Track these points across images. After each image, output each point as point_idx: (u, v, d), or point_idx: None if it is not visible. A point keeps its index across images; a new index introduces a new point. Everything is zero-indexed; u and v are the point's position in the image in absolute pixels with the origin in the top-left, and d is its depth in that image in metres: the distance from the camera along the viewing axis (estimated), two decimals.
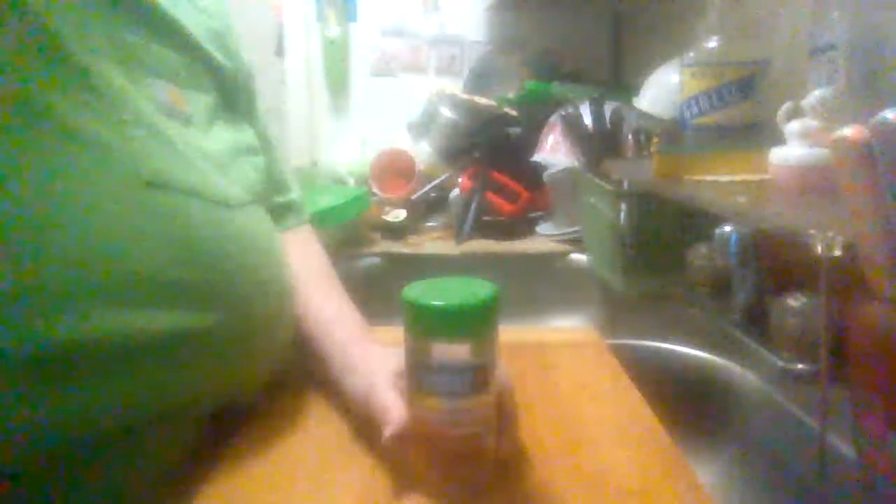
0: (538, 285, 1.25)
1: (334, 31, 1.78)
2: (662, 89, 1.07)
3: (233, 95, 0.60)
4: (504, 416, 0.45)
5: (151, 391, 0.42)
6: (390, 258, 1.33)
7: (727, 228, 0.83)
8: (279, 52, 1.71)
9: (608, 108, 1.20)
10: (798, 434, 0.63)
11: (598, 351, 0.69)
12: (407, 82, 1.84)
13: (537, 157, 1.36)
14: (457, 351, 0.41)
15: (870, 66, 0.61)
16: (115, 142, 0.42)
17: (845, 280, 0.46)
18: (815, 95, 0.61)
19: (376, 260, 1.33)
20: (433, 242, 1.38)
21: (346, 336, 0.57)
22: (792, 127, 0.63)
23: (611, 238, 1.01)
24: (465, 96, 1.60)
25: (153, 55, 0.50)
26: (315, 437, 0.53)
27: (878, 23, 0.60)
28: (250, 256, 0.49)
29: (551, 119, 1.35)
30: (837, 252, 0.45)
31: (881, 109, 0.36)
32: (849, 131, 0.38)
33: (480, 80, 1.78)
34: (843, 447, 0.55)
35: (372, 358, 0.53)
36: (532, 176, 1.37)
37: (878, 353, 0.41)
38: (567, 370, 0.64)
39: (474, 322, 0.41)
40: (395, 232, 1.42)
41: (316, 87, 1.82)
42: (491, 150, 1.45)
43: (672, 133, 0.90)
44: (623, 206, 0.97)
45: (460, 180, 1.44)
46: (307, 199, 0.73)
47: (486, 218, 1.40)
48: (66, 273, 0.37)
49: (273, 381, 0.57)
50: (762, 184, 0.67)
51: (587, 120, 1.23)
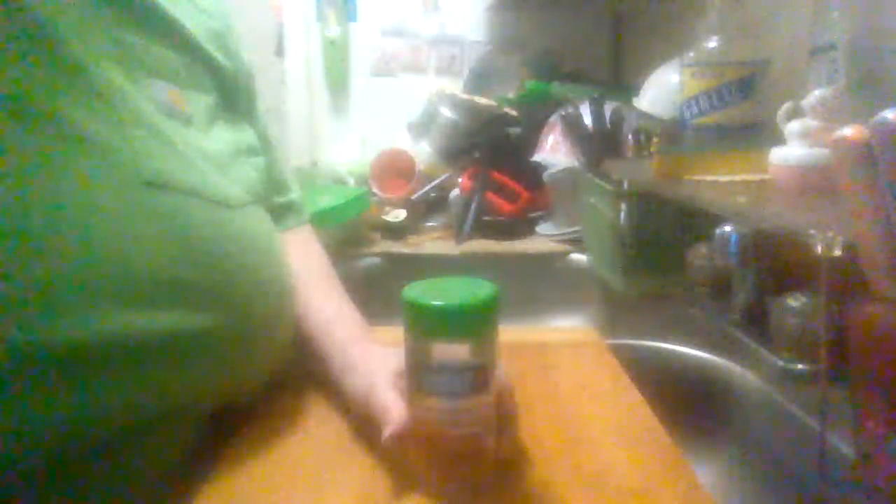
0: (538, 285, 1.25)
1: (334, 31, 1.78)
2: (662, 89, 1.06)
3: (233, 95, 0.60)
4: (504, 416, 0.45)
5: (151, 391, 0.42)
6: (390, 258, 1.33)
7: (727, 228, 0.83)
8: (279, 52, 1.72)
9: (608, 108, 1.20)
10: (798, 434, 0.63)
11: (598, 351, 0.69)
12: (407, 82, 1.84)
13: (537, 157, 1.36)
14: (457, 351, 0.41)
15: (870, 66, 0.61)
16: (116, 142, 0.42)
17: (845, 280, 0.46)
18: (815, 95, 0.61)
19: (376, 260, 1.33)
20: (433, 242, 1.38)
21: (346, 336, 0.57)
22: (792, 127, 0.63)
23: (611, 238, 1.01)
24: (465, 96, 1.60)
25: (153, 55, 0.50)
26: (315, 437, 0.53)
27: (878, 23, 0.60)
28: (250, 256, 0.49)
29: (551, 119, 1.35)
30: (837, 252, 0.45)
31: (881, 109, 0.36)
32: (849, 131, 0.38)
33: (480, 80, 1.78)
34: (843, 447, 0.55)
35: (372, 358, 0.53)
36: (532, 176, 1.37)
37: (878, 353, 0.41)
38: (567, 370, 0.64)
39: (474, 322, 0.41)
40: (395, 232, 1.42)
41: (316, 87, 1.82)
42: (491, 150, 1.45)
43: (672, 133, 0.90)
44: (623, 206, 0.97)
45: (460, 180, 1.44)
46: (307, 199, 0.73)
47: (486, 218, 1.40)
48: (66, 274, 0.37)
49: (273, 381, 0.57)
50: (762, 184, 0.67)
51: (587, 120, 1.23)
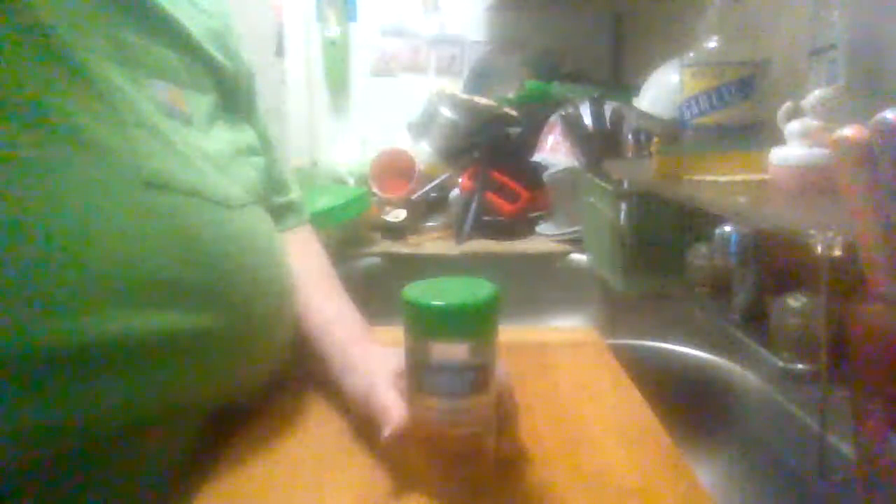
0: (538, 285, 1.25)
1: (334, 31, 1.78)
2: (662, 89, 1.07)
3: (233, 96, 0.60)
4: (504, 416, 0.45)
5: (151, 391, 0.42)
6: (390, 258, 1.33)
7: (727, 228, 0.83)
8: (279, 52, 1.71)
9: (608, 108, 1.20)
10: (798, 434, 0.63)
11: (598, 351, 0.69)
12: (407, 82, 1.84)
13: (537, 157, 1.36)
14: (457, 351, 0.41)
15: (870, 66, 0.61)
16: (116, 142, 0.42)
17: (845, 280, 0.46)
18: (815, 95, 0.61)
19: (376, 260, 1.33)
20: (433, 242, 1.38)
21: (346, 336, 0.57)
22: (792, 127, 0.63)
23: (611, 238, 1.01)
24: (465, 96, 1.60)
25: (153, 55, 0.50)
26: (315, 437, 0.53)
27: (878, 23, 0.60)
28: (250, 257, 0.49)
29: (551, 119, 1.35)
30: (837, 252, 0.45)
31: (881, 109, 0.36)
32: (849, 131, 0.38)
33: (480, 80, 1.78)
34: (843, 447, 0.55)
35: (372, 358, 0.53)
36: (532, 176, 1.37)
37: (878, 353, 0.41)
38: (567, 370, 0.64)
39: (474, 322, 0.41)
40: (395, 232, 1.42)
41: (316, 87, 1.82)
42: (491, 150, 1.45)
43: (672, 133, 0.90)
44: (623, 206, 0.97)
45: (460, 180, 1.44)
46: (307, 199, 0.73)
47: (486, 218, 1.40)
48: (66, 274, 0.37)
49: (273, 381, 0.57)
50: (762, 184, 0.67)
51: (587, 120, 1.23)
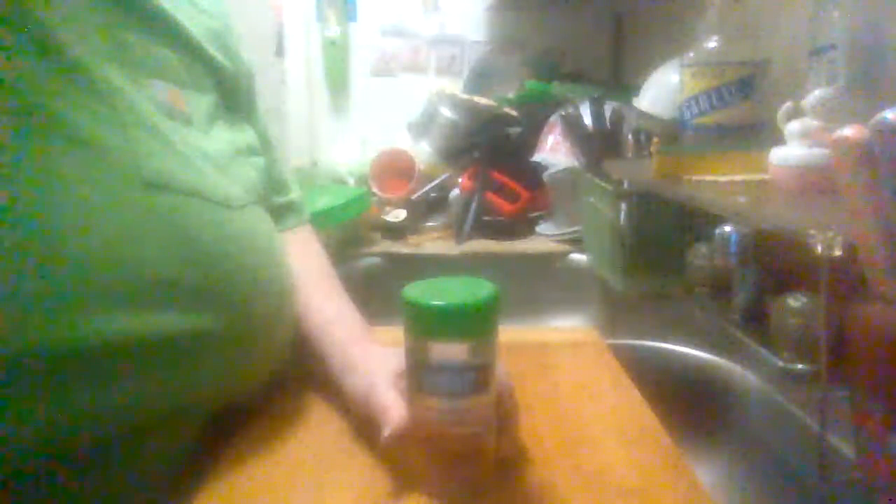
0: (538, 285, 1.25)
1: (334, 31, 1.78)
2: (662, 89, 1.06)
3: (233, 96, 0.60)
4: (504, 415, 0.45)
5: (151, 392, 0.42)
6: (390, 258, 1.33)
7: (727, 228, 0.83)
8: (279, 52, 1.71)
9: (608, 108, 1.21)
10: (798, 434, 0.63)
11: (598, 351, 0.69)
12: (407, 82, 1.84)
13: (537, 157, 1.36)
14: (457, 351, 0.41)
15: (870, 66, 0.61)
16: (116, 143, 0.42)
17: (845, 280, 0.46)
18: (815, 95, 0.61)
19: (376, 260, 1.33)
20: (433, 242, 1.38)
21: (346, 336, 0.57)
22: (792, 127, 0.63)
23: (611, 238, 1.01)
24: (465, 96, 1.60)
25: (153, 56, 0.50)
26: (315, 437, 0.53)
27: (878, 23, 0.60)
28: (250, 257, 0.49)
29: (551, 119, 1.35)
30: (837, 252, 0.45)
31: (881, 109, 0.36)
32: (849, 131, 0.38)
33: (480, 80, 1.78)
34: (843, 447, 0.55)
35: (372, 358, 0.53)
36: (532, 176, 1.37)
37: (878, 353, 0.41)
38: (567, 370, 0.64)
39: (474, 322, 0.41)
40: (395, 232, 1.42)
41: (316, 87, 1.82)
42: (491, 150, 1.45)
43: (672, 133, 0.90)
44: (623, 206, 0.97)
45: (460, 180, 1.44)
46: (307, 199, 0.73)
47: (486, 218, 1.40)
48: (66, 275, 0.37)
49: (273, 381, 0.57)
50: (762, 184, 0.67)
51: (587, 120, 1.23)
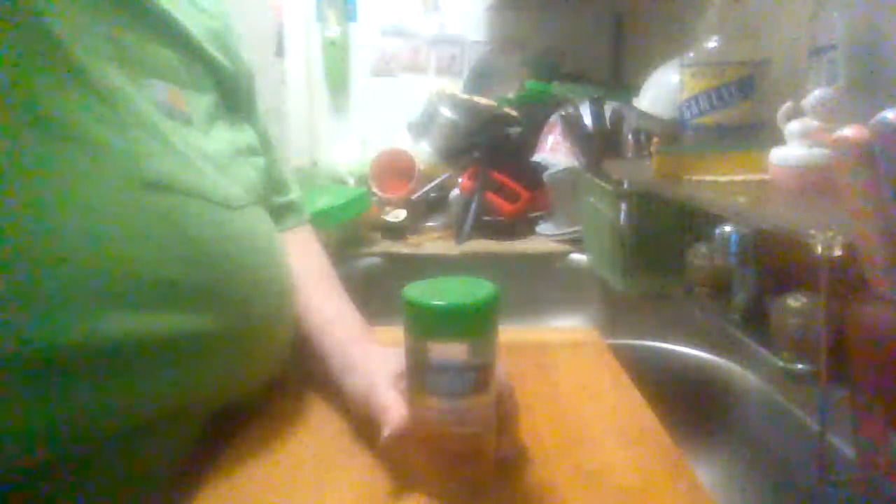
0: (538, 285, 1.25)
1: (334, 31, 1.78)
2: (662, 89, 1.06)
3: (233, 96, 0.60)
4: (504, 415, 0.45)
5: (152, 393, 0.42)
6: (390, 258, 1.33)
7: (727, 228, 0.83)
8: (279, 52, 1.71)
9: (608, 108, 1.20)
10: (798, 434, 0.63)
11: (598, 351, 0.69)
12: (407, 82, 1.84)
13: (537, 157, 1.36)
14: (457, 351, 0.41)
15: (870, 66, 0.61)
16: (115, 143, 0.42)
17: (845, 280, 0.46)
18: (815, 95, 0.61)
19: (376, 260, 1.33)
20: (433, 242, 1.38)
21: (346, 336, 0.57)
22: (792, 127, 0.63)
23: (611, 238, 1.01)
24: (465, 96, 1.60)
25: (153, 55, 0.50)
26: (315, 436, 0.53)
27: (878, 23, 0.60)
28: (250, 257, 0.49)
29: (551, 119, 1.35)
30: (837, 252, 0.45)
31: (881, 109, 0.36)
32: (849, 131, 0.38)
33: (480, 80, 1.78)
34: (843, 447, 0.55)
35: (372, 358, 0.53)
36: (532, 176, 1.37)
37: (878, 353, 0.41)
38: (567, 370, 0.64)
39: (474, 322, 0.41)
40: (395, 232, 1.42)
41: (316, 87, 1.82)
42: (491, 150, 1.45)
43: (672, 133, 0.90)
44: (623, 206, 0.97)
45: (460, 180, 1.44)
46: (307, 199, 0.73)
47: (486, 218, 1.40)
48: (66, 275, 0.37)
49: (273, 381, 0.57)
50: (762, 184, 0.67)
51: (587, 120, 1.23)
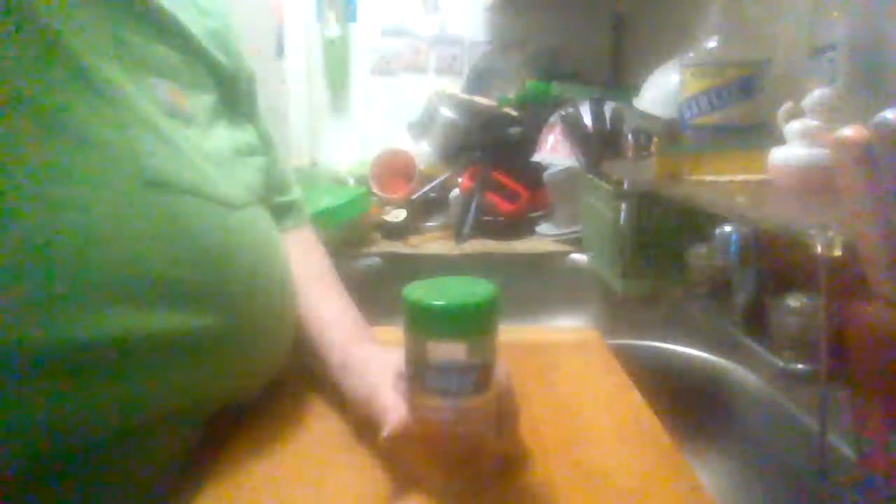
0: (538, 285, 1.25)
1: (334, 31, 1.78)
2: (662, 89, 1.06)
3: (234, 95, 0.60)
4: (504, 415, 0.45)
5: (152, 392, 0.42)
6: (390, 258, 1.33)
7: (727, 228, 0.83)
8: (279, 52, 1.71)
9: (608, 108, 1.21)
10: (798, 434, 0.63)
11: (599, 351, 0.69)
12: (407, 82, 1.84)
13: (537, 157, 1.36)
14: (457, 351, 0.41)
15: (870, 66, 0.61)
16: (117, 141, 0.42)
17: (845, 280, 0.46)
18: (815, 95, 0.61)
19: (376, 260, 1.33)
20: (433, 242, 1.38)
21: (346, 337, 0.57)
22: (792, 127, 0.63)
23: (611, 238, 1.01)
24: (465, 96, 1.60)
25: (154, 55, 0.50)
26: (315, 437, 0.53)
27: (878, 23, 0.60)
28: (251, 256, 0.49)
29: (551, 119, 1.35)
30: (837, 252, 0.45)
31: (881, 109, 0.36)
32: (849, 131, 0.38)
33: (480, 80, 1.78)
34: (843, 447, 0.55)
35: (372, 358, 0.53)
36: (532, 176, 1.37)
37: (878, 353, 0.41)
38: (567, 370, 0.64)
39: (475, 322, 0.41)
40: (395, 232, 1.42)
41: (316, 87, 1.82)
42: (491, 150, 1.45)
43: (672, 133, 0.90)
44: (623, 206, 0.97)
45: (460, 180, 1.44)
46: (307, 199, 0.73)
47: (486, 218, 1.40)
48: (66, 273, 0.37)
49: (273, 381, 0.57)
50: (762, 184, 0.68)
51: (587, 120, 1.23)
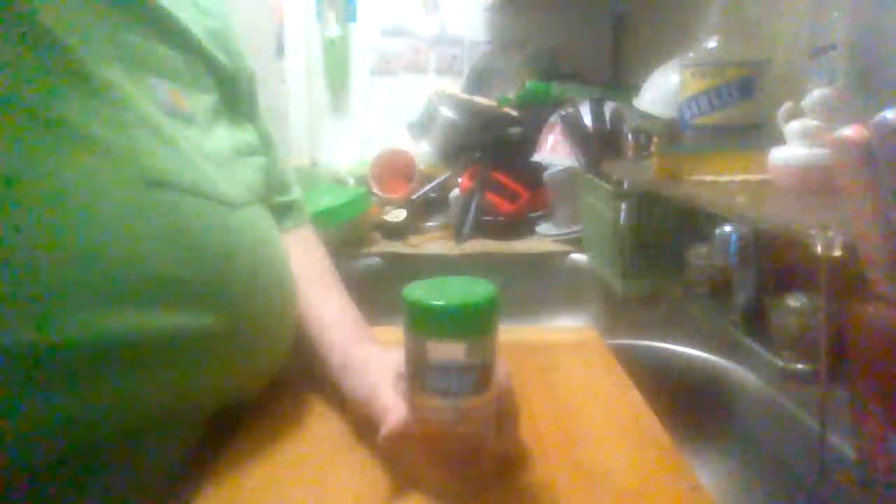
0: (538, 285, 1.25)
1: (334, 31, 1.78)
2: (662, 89, 1.07)
3: (234, 95, 0.60)
4: (504, 415, 0.45)
5: (152, 392, 0.42)
6: (390, 258, 1.33)
7: (727, 228, 0.83)
8: (279, 52, 1.72)
9: (608, 108, 1.21)
10: (798, 434, 0.63)
11: (599, 351, 0.69)
12: (407, 82, 1.84)
13: (537, 157, 1.36)
14: (457, 351, 0.41)
15: (870, 66, 0.61)
16: (117, 142, 0.42)
17: (845, 280, 0.46)
18: (815, 95, 0.61)
19: (376, 260, 1.33)
20: (433, 242, 1.38)
21: (346, 337, 0.57)
22: (792, 127, 0.63)
23: (611, 238, 1.01)
24: (465, 96, 1.60)
25: (154, 55, 0.50)
26: (315, 436, 0.53)
27: (878, 23, 0.60)
28: (251, 255, 0.49)
29: (551, 119, 1.35)
30: (837, 252, 0.45)
31: (881, 109, 0.36)
32: (849, 131, 0.38)
33: (480, 80, 1.78)
34: (843, 447, 0.55)
35: (372, 358, 0.53)
36: (532, 176, 1.37)
37: (878, 353, 0.41)
38: (567, 370, 0.64)
39: (475, 322, 0.41)
40: (395, 232, 1.42)
41: (316, 87, 1.82)
42: (491, 150, 1.45)
43: (672, 133, 0.90)
44: (623, 206, 0.98)
45: (460, 180, 1.44)
46: (307, 199, 0.73)
47: (486, 218, 1.40)
48: (69, 274, 0.37)
49: (273, 381, 0.57)
50: (762, 184, 0.68)
51: (587, 120, 1.23)
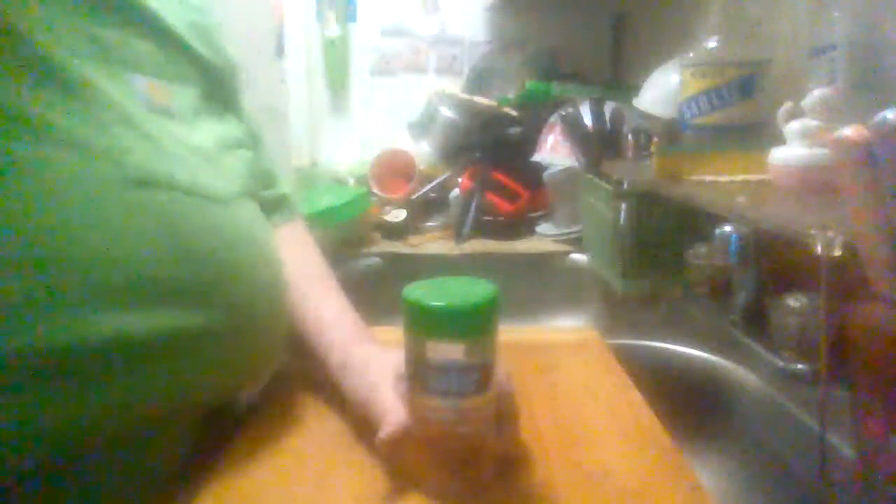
0: (538, 285, 1.25)
1: (334, 31, 1.78)
2: (662, 89, 1.06)
3: (218, 89, 0.59)
4: (504, 415, 0.45)
5: (148, 391, 0.42)
6: (390, 258, 1.33)
7: (727, 228, 0.83)
8: (279, 52, 1.71)
9: (608, 108, 1.21)
10: (798, 434, 0.63)
11: (599, 351, 0.69)
12: (407, 82, 1.84)
13: (537, 157, 1.36)
14: (457, 351, 0.41)
15: (870, 66, 0.61)
16: (96, 140, 0.41)
17: (845, 280, 0.46)
18: (815, 95, 0.61)
19: (376, 260, 1.33)
20: (433, 242, 1.38)
21: (346, 337, 0.57)
22: (792, 127, 0.63)
23: (611, 238, 1.01)
24: (465, 96, 1.60)
25: (132, 49, 0.48)
26: (315, 436, 0.53)
27: (878, 23, 0.60)
28: (242, 252, 0.49)
29: (551, 119, 1.35)
30: (837, 252, 0.45)
31: (881, 109, 0.36)
32: (849, 131, 0.38)
33: (480, 80, 1.78)
34: (843, 447, 0.55)
35: (373, 359, 0.53)
36: (532, 176, 1.37)
37: (878, 353, 0.41)
38: (567, 370, 0.64)
39: (475, 322, 0.41)
40: (395, 232, 1.42)
41: (316, 87, 1.82)
42: (491, 150, 1.45)
43: (672, 133, 0.90)
44: (623, 206, 0.97)
45: (460, 180, 1.44)
46: (307, 199, 0.73)
47: (486, 218, 1.40)
48: (56, 276, 0.37)
49: (273, 381, 0.57)
50: (762, 184, 0.68)
51: (587, 120, 1.23)
